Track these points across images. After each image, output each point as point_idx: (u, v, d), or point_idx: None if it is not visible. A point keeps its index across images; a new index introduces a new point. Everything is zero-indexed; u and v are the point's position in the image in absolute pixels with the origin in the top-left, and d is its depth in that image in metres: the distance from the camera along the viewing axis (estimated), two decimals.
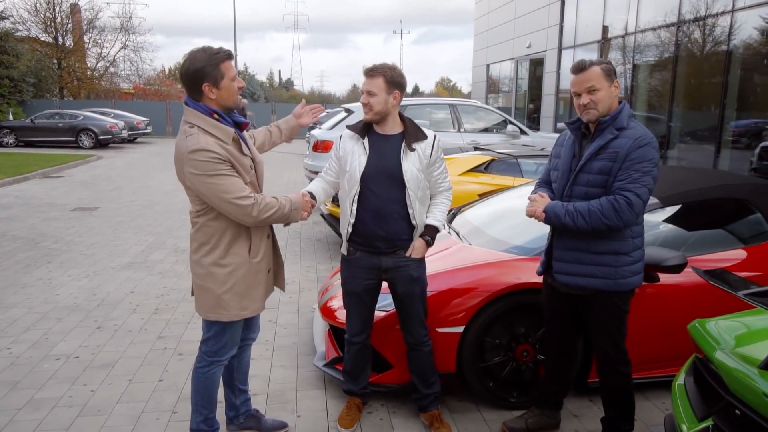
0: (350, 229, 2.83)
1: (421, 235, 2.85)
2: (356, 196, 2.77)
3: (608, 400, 2.84)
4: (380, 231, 2.78)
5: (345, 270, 2.97)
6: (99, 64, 34.76)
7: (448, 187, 2.94)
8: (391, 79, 2.72)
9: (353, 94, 64.48)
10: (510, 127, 9.42)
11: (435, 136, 2.86)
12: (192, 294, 2.67)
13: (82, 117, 20.53)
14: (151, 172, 14.10)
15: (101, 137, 20.18)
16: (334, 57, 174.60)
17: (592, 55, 14.25)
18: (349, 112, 8.98)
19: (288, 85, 74.98)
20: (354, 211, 2.79)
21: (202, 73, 2.34)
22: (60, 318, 4.51)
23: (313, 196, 2.81)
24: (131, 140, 23.33)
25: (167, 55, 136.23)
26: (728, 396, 1.96)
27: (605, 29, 13.70)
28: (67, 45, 32.33)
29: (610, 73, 2.55)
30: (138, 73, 36.19)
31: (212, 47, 2.39)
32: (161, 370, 3.67)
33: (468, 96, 33.23)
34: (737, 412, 1.94)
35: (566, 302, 2.80)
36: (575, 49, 15.23)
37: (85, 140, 20.08)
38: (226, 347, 2.65)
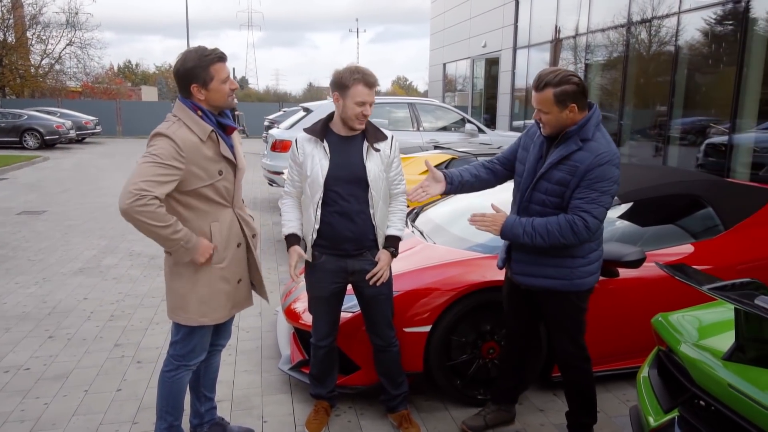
0: (315, 235, 2.78)
1: (385, 247, 2.83)
2: (320, 201, 2.72)
3: (570, 395, 2.89)
4: (348, 233, 2.74)
5: (310, 275, 2.91)
6: (44, 62, 33.29)
7: (403, 190, 2.91)
8: None
9: (309, 93, 64.03)
10: (468, 126, 9.51)
11: (392, 136, 2.87)
12: None
13: (26, 116, 19.69)
14: (101, 173, 13.64)
15: (47, 137, 19.41)
16: (290, 55, 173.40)
17: (544, 55, 14.56)
18: (308, 111, 8.88)
19: (243, 83, 73.81)
20: (318, 216, 2.74)
21: (191, 73, 2.34)
22: (8, 328, 4.30)
23: (300, 238, 2.85)
24: (79, 140, 22.55)
25: (117, 52, 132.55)
26: (693, 387, 2.01)
27: (558, 29, 14.01)
28: (8, 41, 30.90)
29: (564, 100, 2.43)
30: (86, 71, 34.86)
31: (206, 48, 2.36)
32: (119, 380, 3.54)
33: (425, 95, 33.44)
34: (702, 403, 2.00)
35: (526, 298, 2.83)
36: (530, 48, 15.51)
37: (30, 141, 19.29)
38: (194, 352, 2.58)
